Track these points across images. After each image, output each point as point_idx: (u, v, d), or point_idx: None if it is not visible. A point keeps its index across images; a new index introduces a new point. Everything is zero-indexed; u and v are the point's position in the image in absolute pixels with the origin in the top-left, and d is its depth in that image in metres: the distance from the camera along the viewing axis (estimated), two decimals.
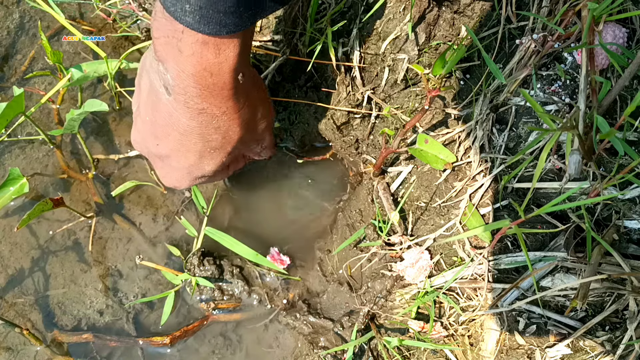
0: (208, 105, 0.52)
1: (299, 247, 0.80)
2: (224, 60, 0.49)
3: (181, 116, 0.53)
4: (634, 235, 0.59)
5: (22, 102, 0.67)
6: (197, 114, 0.53)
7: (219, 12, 0.44)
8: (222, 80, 0.50)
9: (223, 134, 0.56)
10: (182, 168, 0.60)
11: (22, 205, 0.81)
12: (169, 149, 0.58)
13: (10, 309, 0.76)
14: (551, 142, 0.51)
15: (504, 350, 0.62)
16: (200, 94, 0.51)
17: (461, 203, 0.66)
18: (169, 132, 0.56)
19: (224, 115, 0.54)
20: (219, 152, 0.58)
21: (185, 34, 0.47)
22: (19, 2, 0.92)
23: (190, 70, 0.49)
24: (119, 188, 0.77)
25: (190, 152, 0.57)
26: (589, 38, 0.55)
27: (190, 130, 0.55)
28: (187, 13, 0.44)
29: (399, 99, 0.74)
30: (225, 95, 0.52)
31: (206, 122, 0.54)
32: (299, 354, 0.73)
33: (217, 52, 0.48)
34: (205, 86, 0.50)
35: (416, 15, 0.69)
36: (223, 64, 0.49)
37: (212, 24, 0.45)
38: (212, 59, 0.48)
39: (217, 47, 0.48)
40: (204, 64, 0.48)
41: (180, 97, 0.51)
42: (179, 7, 0.44)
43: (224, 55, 0.48)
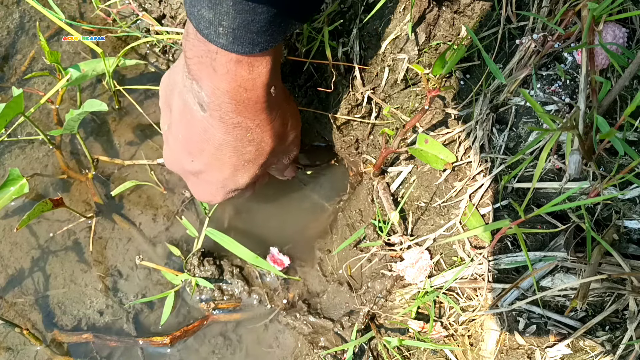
0: (243, 119, 0.54)
1: (299, 247, 0.80)
2: (257, 76, 0.51)
3: (216, 131, 0.55)
4: (634, 235, 0.59)
5: (21, 103, 0.67)
6: (232, 128, 0.55)
7: (252, 32, 0.46)
8: (255, 95, 0.52)
9: (257, 146, 0.58)
10: (216, 182, 0.61)
11: (22, 205, 0.81)
12: (204, 164, 0.59)
13: (10, 309, 0.76)
14: (551, 142, 0.51)
15: (504, 350, 0.62)
16: (235, 109, 0.53)
17: (461, 203, 0.66)
18: (203, 147, 0.57)
19: (258, 127, 0.56)
20: (252, 164, 0.60)
21: (219, 54, 0.49)
22: (19, 2, 0.92)
23: (225, 88, 0.51)
24: (118, 188, 0.77)
25: (225, 166, 0.59)
26: (589, 38, 0.55)
27: (226, 144, 0.56)
28: (220, 35, 0.46)
29: (399, 99, 0.74)
30: (259, 108, 0.54)
31: (241, 135, 0.56)
32: (299, 354, 0.73)
33: (250, 69, 0.50)
34: (240, 101, 0.52)
35: (416, 15, 0.69)
36: (256, 80, 0.51)
37: (245, 44, 0.47)
38: (246, 75, 0.50)
39: (251, 65, 0.50)
40: (239, 81, 0.50)
41: (216, 113, 0.53)
42: (212, 30, 0.46)
43: (257, 71, 0.51)
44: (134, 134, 0.85)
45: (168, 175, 0.83)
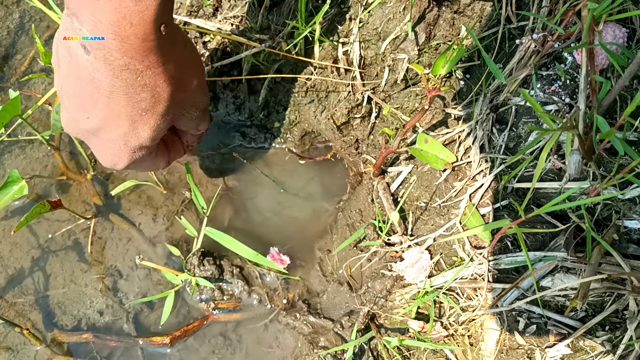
0: (130, 60, 0.48)
1: (299, 247, 0.80)
2: (145, 8, 0.46)
3: (103, 76, 0.49)
4: (634, 235, 0.59)
5: (18, 105, 0.67)
6: (120, 70, 0.49)
7: None
8: (142, 31, 0.47)
9: (151, 92, 0.52)
10: (116, 139, 0.55)
11: (22, 206, 0.81)
12: (99, 118, 0.53)
13: (10, 309, 0.76)
14: (551, 142, 0.51)
15: (504, 350, 0.62)
16: (120, 47, 0.47)
17: (461, 203, 0.66)
18: (95, 98, 0.52)
19: (148, 70, 0.50)
20: (151, 113, 0.54)
21: None
22: (19, 2, 0.92)
23: (107, 20, 0.45)
24: (118, 187, 0.77)
25: (121, 117, 0.53)
26: (589, 38, 0.55)
27: (117, 91, 0.51)
28: None
29: (399, 99, 0.74)
30: (147, 47, 0.48)
31: (131, 79, 0.50)
32: (299, 354, 0.73)
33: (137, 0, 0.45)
34: (125, 37, 0.47)
35: (416, 15, 0.69)
36: (144, 13, 0.46)
37: None
38: (131, 6, 0.45)
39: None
40: (123, 12, 0.45)
41: (99, 53, 0.48)
42: None
43: (144, 3, 0.45)
44: None
45: (168, 175, 0.83)
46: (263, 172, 0.82)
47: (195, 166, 0.83)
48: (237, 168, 0.83)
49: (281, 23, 0.77)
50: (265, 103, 0.83)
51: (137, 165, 0.60)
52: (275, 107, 0.83)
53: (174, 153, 0.67)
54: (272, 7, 0.77)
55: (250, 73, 0.81)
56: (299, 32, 0.72)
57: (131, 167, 0.60)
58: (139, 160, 0.59)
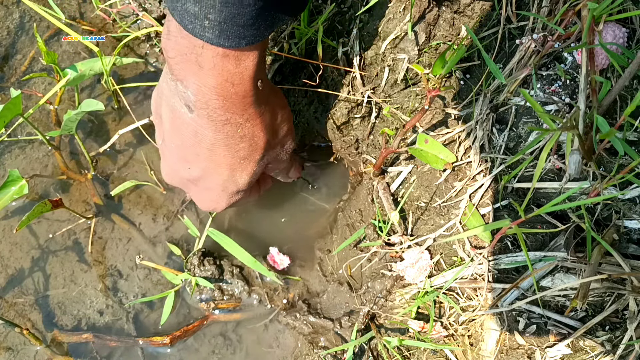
0: (231, 115, 0.53)
1: (299, 247, 0.80)
2: (244, 69, 0.50)
3: (206, 131, 0.54)
4: (634, 235, 0.59)
5: (19, 105, 0.67)
6: (222, 125, 0.54)
7: (238, 25, 0.46)
8: (243, 89, 0.52)
9: (249, 141, 0.57)
10: (216, 186, 0.60)
11: (22, 206, 0.81)
12: (200, 168, 0.58)
13: (10, 309, 0.76)
14: (551, 142, 0.51)
15: (504, 350, 0.62)
16: (222, 105, 0.52)
17: (461, 203, 0.66)
18: (197, 151, 0.57)
19: (247, 122, 0.55)
20: (249, 161, 0.59)
21: (205, 48, 0.48)
22: (19, 2, 0.92)
23: (211, 83, 0.50)
24: (118, 188, 0.77)
25: (221, 167, 0.58)
26: (589, 38, 0.55)
27: (218, 144, 0.55)
28: (206, 29, 0.46)
29: (399, 99, 0.74)
30: (247, 102, 0.53)
31: (232, 132, 0.55)
32: (299, 354, 0.73)
33: (237, 63, 0.50)
34: (227, 97, 0.51)
35: (416, 15, 0.69)
36: (244, 73, 0.50)
37: (231, 37, 0.46)
38: (232, 69, 0.50)
39: (237, 59, 0.49)
40: (225, 76, 0.50)
41: (203, 112, 0.52)
42: (197, 24, 0.45)
43: (244, 65, 0.50)
44: (133, 133, 0.85)
45: None
46: None
47: None
48: None
49: None
50: None
51: (233, 206, 0.65)
52: None
53: (264, 186, 0.71)
54: None
55: None
56: (299, 32, 0.72)
57: (228, 208, 0.65)
58: (235, 203, 0.64)
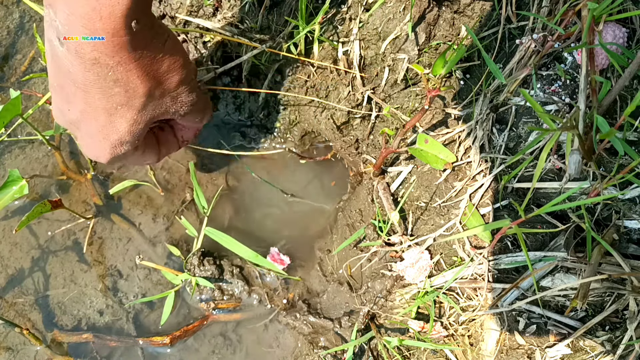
0: (99, 55, 0.48)
1: (299, 247, 0.80)
2: (116, 3, 0.45)
3: (77, 69, 0.50)
4: (634, 235, 0.59)
5: (18, 105, 0.67)
6: (91, 64, 0.49)
7: None
8: (112, 26, 0.47)
9: (124, 87, 0.52)
10: (96, 132, 0.56)
11: (22, 206, 0.81)
12: (79, 110, 0.54)
13: (10, 309, 0.76)
14: (551, 142, 0.51)
15: (504, 350, 0.62)
16: (90, 41, 0.47)
17: (461, 203, 0.66)
18: (73, 91, 0.52)
19: (119, 66, 0.50)
20: (127, 108, 0.54)
21: None
22: (19, 2, 0.92)
23: (79, 12, 0.45)
24: (116, 187, 0.77)
25: (98, 111, 0.54)
26: (589, 38, 0.55)
27: (90, 84, 0.51)
28: None
29: (399, 99, 0.74)
30: (117, 43, 0.48)
31: (102, 74, 0.50)
32: (299, 354, 0.73)
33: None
34: (94, 31, 0.46)
35: (416, 15, 0.69)
36: (115, 7, 0.46)
37: None
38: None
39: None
40: (93, 4, 0.45)
41: (71, 45, 0.48)
42: None
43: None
44: None
45: (168, 175, 0.83)
46: (260, 177, 0.82)
47: (196, 166, 0.83)
48: (237, 168, 0.83)
49: (281, 23, 0.77)
50: (266, 103, 0.83)
51: (122, 159, 0.60)
52: (275, 107, 0.83)
53: (166, 148, 0.67)
54: (272, 7, 0.77)
55: (250, 73, 0.81)
56: (299, 32, 0.72)
57: (116, 161, 0.60)
58: (123, 155, 0.59)
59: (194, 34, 0.80)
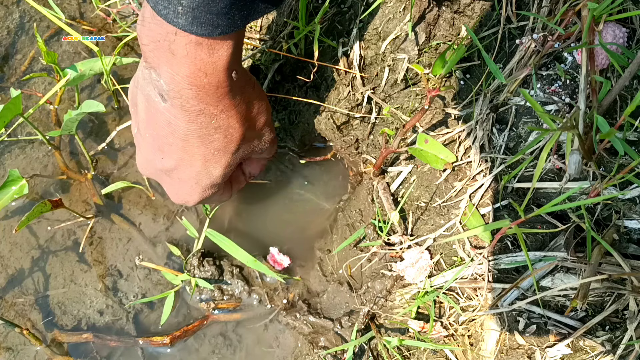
0: (205, 106, 0.52)
1: (299, 247, 0.80)
2: (218, 59, 0.49)
3: (180, 121, 0.53)
4: (634, 235, 0.59)
5: (19, 105, 0.67)
6: (196, 115, 0.53)
7: (212, 13, 0.45)
8: (216, 79, 0.51)
9: (224, 133, 0.56)
10: (189, 178, 0.59)
11: (22, 205, 0.81)
12: (174, 159, 0.58)
13: (10, 309, 0.76)
14: (551, 142, 0.51)
15: (504, 350, 0.62)
16: (196, 95, 0.51)
17: (461, 203, 0.66)
18: (171, 141, 0.56)
19: (222, 113, 0.54)
20: (223, 152, 0.58)
21: (178, 35, 0.47)
22: (19, 2, 0.92)
23: (184, 72, 0.49)
24: (109, 187, 0.77)
25: (195, 158, 0.57)
26: (589, 38, 0.55)
27: (192, 134, 0.55)
28: (179, 15, 0.45)
29: (399, 99, 0.74)
30: (220, 93, 0.52)
31: (205, 122, 0.54)
32: (299, 354, 0.73)
33: (210, 52, 0.49)
34: (200, 86, 0.51)
35: (416, 15, 0.69)
36: (217, 63, 0.50)
37: (204, 25, 0.46)
38: (206, 58, 0.49)
39: (211, 47, 0.48)
40: (198, 65, 0.49)
41: (177, 102, 0.52)
42: (171, 9, 0.45)
43: (217, 54, 0.49)
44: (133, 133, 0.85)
45: None
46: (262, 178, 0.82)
47: None
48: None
49: (281, 23, 0.77)
50: None
51: (206, 202, 0.64)
52: (275, 106, 0.83)
53: (237, 185, 0.70)
54: None
55: (250, 73, 0.81)
56: (299, 32, 0.72)
57: (200, 203, 0.64)
58: (208, 198, 0.63)
59: None
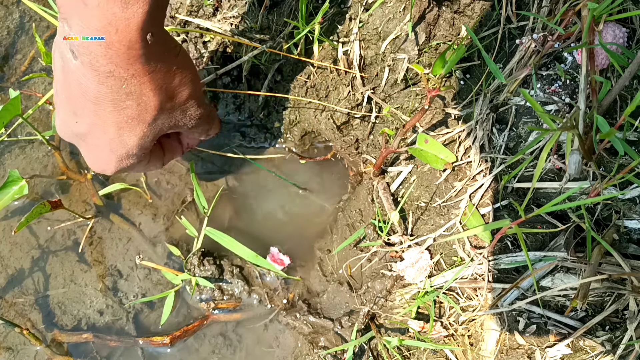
0: (115, 67, 0.49)
1: (299, 247, 0.80)
2: (132, 16, 0.46)
3: (90, 82, 0.50)
4: (634, 235, 0.59)
5: (18, 105, 0.67)
6: (105, 77, 0.50)
7: None
8: (127, 38, 0.47)
9: (137, 100, 0.53)
10: (104, 145, 0.56)
11: (22, 206, 0.81)
12: (87, 123, 0.54)
13: (10, 309, 0.76)
14: (551, 142, 0.51)
15: (504, 350, 0.62)
16: (105, 53, 0.48)
17: (461, 203, 0.66)
18: (83, 104, 0.52)
19: (134, 78, 0.51)
20: (137, 122, 0.54)
21: None
22: (19, 2, 0.92)
23: (94, 25, 0.46)
24: (105, 189, 0.77)
25: (108, 124, 0.54)
26: (589, 38, 0.55)
27: (102, 97, 0.51)
28: None
29: (399, 99, 0.74)
30: (132, 55, 0.49)
31: (116, 86, 0.51)
32: (299, 354, 0.73)
33: (124, 7, 0.45)
34: (110, 43, 0.47)
35: (416, 15, 0.69)
36: (130, 20, 0.46)
37: None
38: (118, 13, 0.46)
39: (125, 2, 0.45)
40: (110, 18, 0.46)
41: (86, 58, 0.48)
42: None
43: (131, 10, 0.46)
44: None
45: (168, 175, 0.83)
46: (270, 170, 0.82)
47: (196, 166, 0.83)
48: (237, 168, 0.83)
49: (281, 23, 0.77)
50: (265, 103, 0.83)
51: (127, 170, 0.61)
52: (275, 107, 0.83)
53: (170, 155, 0.67)
54: (272, 7, 0.77)
55: (250, 73, 0.81)
56: (299, 32, 0.72)
57: (121, 172, 0.60)
58: (128, 167, 0.59)
59: (194, 34, 0.80)
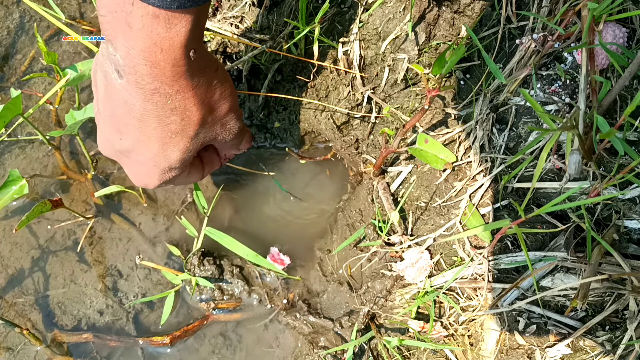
0: (160, 84, 0.51)
1: (299, 247, 0.80)
2: (175, 35, 0.47)
3: (135, 100, 0.52)
4: (634, 235, 0.59)
5: (19, 105, 0.67)
6: (151, 94, 0.51)
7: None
8: (172, 56, 0.49)
9: (181, 115, 0.54)
10: (147, 161, 0.57)
11: (22, 205, 0.81)
12: (131, 140, 0.56)
13: (10, 309, 0.76)
14: (551, 142, 0.51)
15: (504, 350, 0.62)
16: (151, 72, 0.49)
17: (461, 203, 0.66)
18: (127, 121, 0.54)
19: (178, 94, 0.52)
20: (181, 136, 0.56)
21: (135, 6, 0.45)
22: (19, 2, 0.92)
23: (140, 46, 0.47)
24: (101, 191, 0.77)
25: (152, 140, 0.55)
26: (589, 38, 0.55)
27: (147, 114, 0.53)
28: None
29: (399, 99, 0.74)
30: (177, 72, 0.50)
31: (161, 103, 0.52)
32: (299, 354, 0.73)
33: (167, 27, 0.46)
34: (155, 63, 0.49)
35: (416, 15, 0.69)
36: (174, 39, 0.47)
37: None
38: (162, 33, 0.47)
39: (168, 22, 0.46)
40: (154, 39, 0.47)
41: (132, 77, 0.50)
42: None
43: (175, 30, 0.47)
44: None
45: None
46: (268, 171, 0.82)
47: None
48: (237, 168, 0.83)
49: (281, 23, 0.77)
50: (265, 103, 0.83)
51: (169, 183, 0.63)
52: (275, 107, 0.83)
53: (209, 167, 0.69)
54: (272, 7, 0.77)
55: (250, 73, 0.81)
56: (299, 32, 0.72)
57: (163, 186, 0.62)
58: (170, 180, 0.61)
59: None
